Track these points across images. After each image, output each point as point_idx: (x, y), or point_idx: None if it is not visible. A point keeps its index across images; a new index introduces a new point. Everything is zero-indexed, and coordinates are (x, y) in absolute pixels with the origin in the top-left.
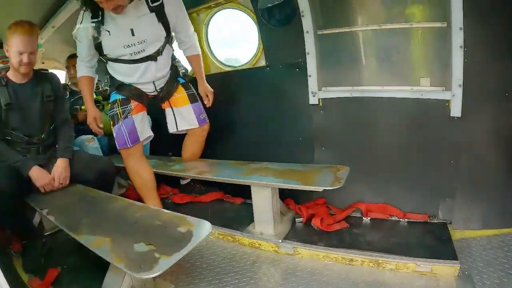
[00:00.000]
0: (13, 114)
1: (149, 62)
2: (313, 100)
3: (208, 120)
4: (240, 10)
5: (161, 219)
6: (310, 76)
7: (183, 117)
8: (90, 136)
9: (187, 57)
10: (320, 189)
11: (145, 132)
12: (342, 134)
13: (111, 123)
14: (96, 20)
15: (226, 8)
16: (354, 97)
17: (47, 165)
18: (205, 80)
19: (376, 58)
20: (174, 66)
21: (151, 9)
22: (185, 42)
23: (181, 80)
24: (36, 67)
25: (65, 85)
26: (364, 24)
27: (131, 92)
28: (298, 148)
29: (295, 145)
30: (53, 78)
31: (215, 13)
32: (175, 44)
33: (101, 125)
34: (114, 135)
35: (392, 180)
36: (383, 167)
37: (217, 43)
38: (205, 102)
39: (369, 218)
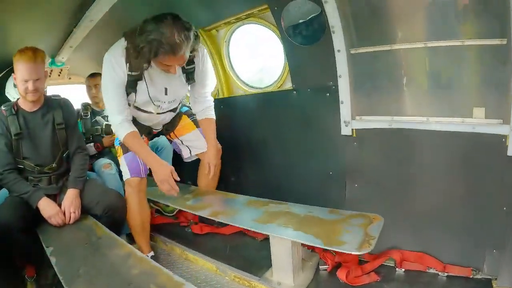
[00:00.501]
0: (24, 143)
1: (168, 113)
2: (345, 131)
3: (219, 144)
4: (263, 25)
5: (157, 283)
6: (342, 102)
7: (192, 142)
8: (108, 161)
9: (200, 121)
10: (345, 251)
11: None
12: (378, 170)
13: (122, 150)
14: (136, 73)
15: (247, 23)
16: (394, 128)
17: (59, 195)
18: (214, 148)
19: (421, 83)
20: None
21: (184, 71)
22: (201, 102)
23: (184, 109)
24: (63, 83)
25: (87, 105)
26: (406, 42)
27: (142, 129)
28: (328, 183)
29: (324, 179)
30: (65, 104)
31: (236, 28)
32: None
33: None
34: (126, 162)
35: (432, 226)
36: (423, 209)
37: (239, 62)
38: (206, 172)
39: (403, 269)
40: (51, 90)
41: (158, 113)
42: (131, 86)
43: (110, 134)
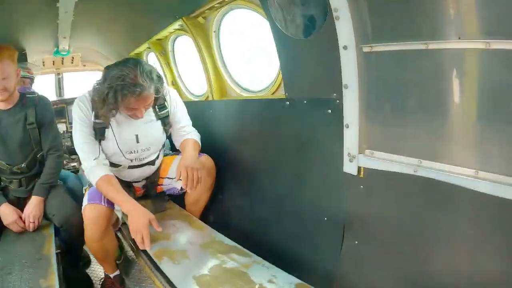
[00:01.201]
0: None
1: (147, 166)
2: (349, 167)
3: (205, 154)
4: (252, 10)
5: None
6: (347, 126)
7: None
8: None
9: (180, 146)
10: None
11: None
12: (389, 229)
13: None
14: (100, 121)
15: (235, 8)
16: (421, 177)
17: (28, 199)
18: (196, 157)
19: (472, 110)
20: None
21: (158, 117)
22: (182, 136)
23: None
24: (78, 70)
25: None
26: (455, 38)
27: (122, 184)
28: (321, 231)
29: (317, 226)
30: (40, 102)
31: (225, 15)
32: None
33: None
34: (87, 190)
35: None
36: None
37: (231, 57)
38: (183, 183)
39: None
40: (68, 77)
41: (132, 166)
42: (99, 133)
43: None
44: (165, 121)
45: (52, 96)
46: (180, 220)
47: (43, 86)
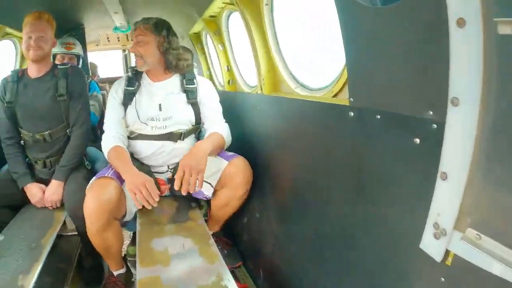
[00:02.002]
0: (19, 112)
1: (167, 142)
2: (430, 245)
3: (241, 157)
4: None
5: None
6: (444, 176)
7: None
8: None
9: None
10: None
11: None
12: None
13: None
14: (132, 88)
15: None
16: None
17: (49, 181)
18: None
19: None
20: None
21: (184, 89)
22: (209, 126)
23: None
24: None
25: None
26: None
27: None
28: None
29: None
30: (72, 73)
31: None
32: None
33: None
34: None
35: None
36: None
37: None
38: (175, 184)
39: None
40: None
41: (153, 136)
42: (128, 98)
43: None
44: (190, 95)
45: (119, 72)
46: (194, 241)
47: (111, 61)
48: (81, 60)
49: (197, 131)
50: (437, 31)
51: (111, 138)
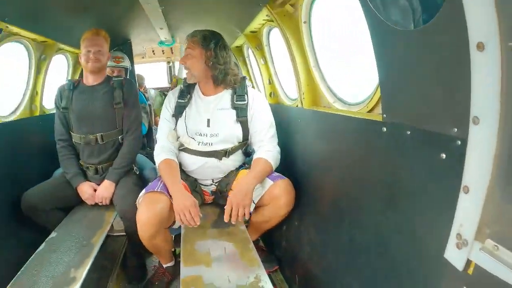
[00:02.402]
0: (73, 117)
1: (212, 159)
2: (453, 254)
3: (286, 179)
4: None
5: None
6: (466, 190)
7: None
8: None
9: (253, 162)
10: None
11: None
12: None
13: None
14: (183, 100)
15: None
16: None
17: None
18: (241, 185)
19: None
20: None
21: (234, 106)
22: (259, 148)
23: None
24: None
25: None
26: None
27: (190, 185)
28: None
29: None
30: (126, 84)
31: (313, 1)
32: None
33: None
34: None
35: None
36: None
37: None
38: (224, 217)
39: None
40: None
41: (199, 152)
42: (178, 112)
43: None
44: (240, 112)
45: (163, 83)
46: (235, 245)
47: (156, 73)
48: (128, 72)
49: (244, 147)
50: (459, 53)
51: (163, 150)
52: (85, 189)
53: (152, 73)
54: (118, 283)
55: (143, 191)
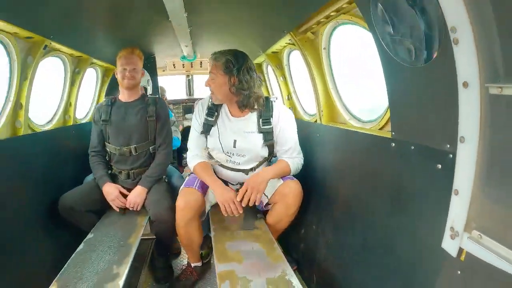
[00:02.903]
0: (111, 128)
1: (240, 173)
2: (449, 245)
3: (295, 180)
4: (359, 25)
5: None
6: (457, 193)
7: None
8: None
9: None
10: None
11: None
12: None
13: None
14: (211, 118)
15: (342, 24)
16: None
17: (131, 190)
18: (267, 179)
19: None
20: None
21: (260, 130)
22: (282, 156)
23: None
24: (207, 73)
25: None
26: None
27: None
28: None
29: None
30: (159, 102)
31: (332, 31)
32: None
33: (240, 211)
34: (185, 179)
35: None
36: None
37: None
38: (237, 196)
39: None
40: (198, 79)
41: (227, 167)
42: (206, 129)
43: None
44: (266, 136)
45: (182, 95)
46: (261, 245)
47: (175, 85)
48: (148, 87)
49: (270, 159)
50: (451, 88)
51: (196, 156)
52: (111, 190)
53: (170, 85)
54: (147, 282)
55: (182, 185)
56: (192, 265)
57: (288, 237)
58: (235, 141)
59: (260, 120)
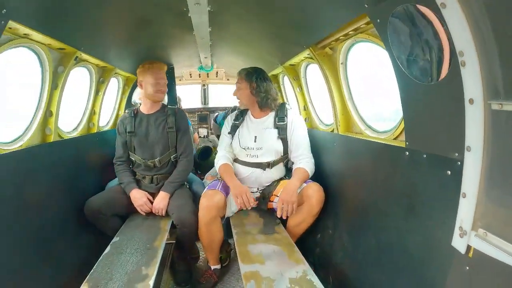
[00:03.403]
0: (136, 140)
1: (257, 169)
2: (458, 243)
3: (316, 183)
4: (375, 43)
5: None
6: (464, 195)
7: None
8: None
9: (293, 171)
10: None
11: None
12: None
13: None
14: (237, 121)
15: (360, 42)
16: None
17: (155, 195)
18: (287, 185)
19: None
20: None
21: (275, 126)
22: (297, 163)
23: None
24: (222, 83)
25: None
26: None
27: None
28: None
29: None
30: (179, 113)
31: (350, 48)
32: None
33: (252, 203)
34: (209, 183)
35: None
36: None
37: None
38: (277, 212)
39: None
40: (213, 88)
41: (248, 163)
42: (233, 129)
43: None
44: (281, 131)
45: (197, 104)
46: (282, 248)
47: (191, 94)
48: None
49: (284, 160)
50: (458, 104)
51: (222, 158)
52: (139, 196)
53: (186, 94)
54: (168, 284)
55: (206, 189)
56: (212, 267)
57: (305, 242)
58: (255, 137)
59: (276, 118)
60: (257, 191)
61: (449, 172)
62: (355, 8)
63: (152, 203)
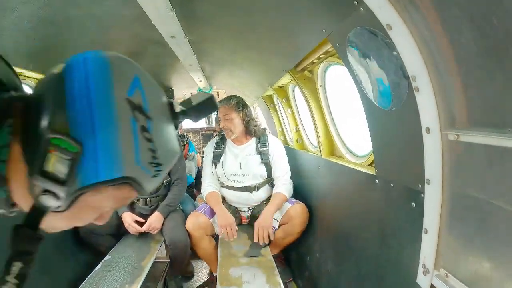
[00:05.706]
0: None
1: (245, 192)
2: (422, 281)
3: (301, 204)
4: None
5: None
6: (425, 231)
7: None
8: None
9: (272, 196)
10: None
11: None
12: None
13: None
14: (219, 150)
15: (332, 65)
16: None
17: (148, 216)
18: (271, 216)
19: None
20: None
21: (258, 152)
22: (277, 184)
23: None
24: None
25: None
26: None
27: (232, 213)
28: None
29: None
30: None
31: (325, 70)
32: None
33: (235, 235)
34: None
35: None
36: None
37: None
38: (254, 238)
39: None
40: None
41: (236, 188)
42: (215, 158)
43: None
44: (263, 156)
45: (201, 123)
46: (262, 271)
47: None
48: None
49: (269, 182)
50: (417, 132)
51: (208, 187)
52: (127, 219)
53: None
54: None
55: (194, 211)
56: (214, 274)
57: (296, 264)
58: (240, 163)
59: (258, 144)
60: (247, 210)
61: (413, 204)
62: (318, 33)
63: (141, 225)
